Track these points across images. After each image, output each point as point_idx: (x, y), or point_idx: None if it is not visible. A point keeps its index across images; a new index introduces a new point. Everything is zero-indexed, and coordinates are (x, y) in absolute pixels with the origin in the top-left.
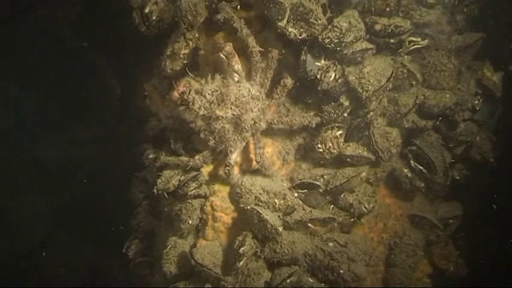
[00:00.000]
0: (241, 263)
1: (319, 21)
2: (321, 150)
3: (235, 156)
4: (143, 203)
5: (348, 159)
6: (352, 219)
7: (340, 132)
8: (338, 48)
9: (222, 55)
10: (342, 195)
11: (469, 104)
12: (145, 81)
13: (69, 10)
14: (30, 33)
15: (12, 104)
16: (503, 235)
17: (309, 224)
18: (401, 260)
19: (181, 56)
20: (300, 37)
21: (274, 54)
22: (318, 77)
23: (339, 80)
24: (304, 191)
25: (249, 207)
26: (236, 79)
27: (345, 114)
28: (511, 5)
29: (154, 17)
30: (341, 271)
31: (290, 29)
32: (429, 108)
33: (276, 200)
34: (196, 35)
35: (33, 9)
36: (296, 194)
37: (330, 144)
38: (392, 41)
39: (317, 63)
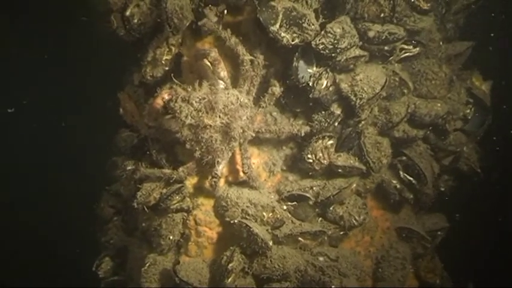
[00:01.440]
0: (229, 280)
1: (312, 27)
2: (310, 160)
3: (222, 167)
4: (114, 218)
5: (339, 170)
6: (341, 233)
7: (331, 141)
8: (333, 55)
9: (207, 62)
10: (332, 208)
11: (460, 113)
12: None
13: None
14: None
15: None
16: (488, 246)
17: (299, 238)
18: (390, 274)
19: (163, 62)
20: (293, 43)
21: (260, 61)
22: (310, 84)
23: (330, 88)
24: (293, 203)
25: (236, 221)
26: (222, 86)
27: (336, 124)
28: (496, 15)
29: (135, 20)
30: (332, 286)
31: (283, 34)
32: (420, 118)
33: (264, 213)
34: (180, 40)
35: None
36: (285, 207)
37: (321, 155)
38: (386, 48)
39: (309, 70)
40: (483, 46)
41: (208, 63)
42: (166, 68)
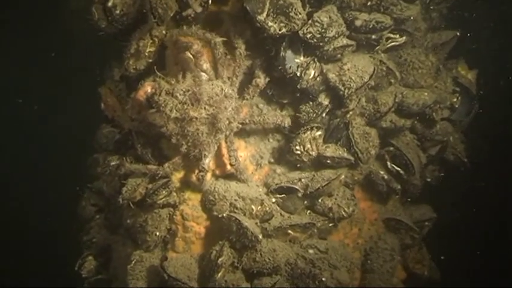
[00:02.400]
0: (219, 275)
1: (299, 16)
2: (298, 152)
3: (208, 161)
4: (96, 216)
5: (328, 161)
6: (330, 225)
7: (319, 132)
8: (321, 44)
9: (189, 54)
10: (320, 200)
11: (447, 102)
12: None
13: None
14: None
15: None
16: (475, 237)
17: (289, 231)
18: (379, 265)
19: (147, 54)
20: (280, 32)
21: (242, 51)
22: (298, 74)
23: (318, 78)
24: (282, 195)
25: (225, 215)
26: (205, 78)
27: (324, 114)
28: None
29: (118, 11)
30: (323, 278)
31: (270, 23)
32: (408, 107)
33: (253, 207)
34: (164, 32)
35: None
36: (274, 200)
37: (309, 146)
38: (373, 37)
39: (296, 60)
40: (467, 35)
41: (191, 56)
42: (150, 60)
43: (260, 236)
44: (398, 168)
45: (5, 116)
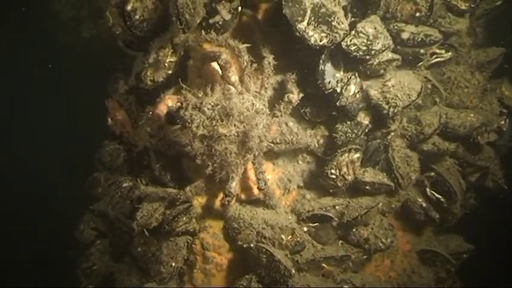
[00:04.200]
0: None
1: (342, 26)
2: (333, 176)
3: (235, 184)
4: (97, 242)
5: (367, 187)
6: (364, 257)
7: (357, 155)
8: (367, 57)
9: (215, 65)
10: (355, 229)
11: (494, 125)
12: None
13: None
14: None
15: None
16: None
17: (323, 264)
18: None
19: (166, 64)
20: (321, 43)
21: (270, 60)
22: (338, 90)
23: (357, 95)
24: (315, 224)
25: (253, 245)
26: (233, 92)
27: (362, 135)
28: None
29: (137, 16)
30: None
31: (310, 33)
32: (453, 129)
33: (283, 236)
34: (187, 40)
35: None
36: (305, 228)
37: (345, 170)
38: (421, 51)
39: (337, 75)
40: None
41: (217, 67)
42: (170, 72)
43: (293, 271)
44: (439, 196)
45: None
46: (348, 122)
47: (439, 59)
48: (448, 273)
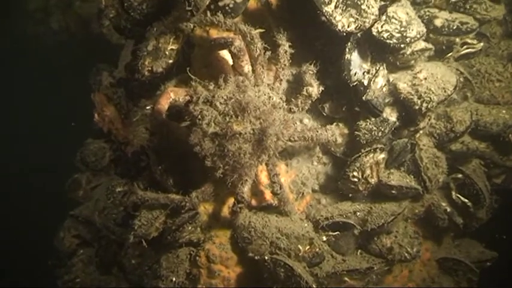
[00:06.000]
0: None
1: (372, 10)
2: (356, 179)
3: (247, 189)
4: (80, 251)
5: (393, 191)
6: (386, 268)
7: (382, 155)
8: (401, 45)
9: (226, 53)
10: (376, 238)
11: None
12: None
13: None
14: None
15: None
16: None
17: (346, 278)
18: None
19: (167, 53)
20: (348, 29)
21: (286, 48)
22: (365, 83)
23: (384, 89)
24: (335, 233)
25: (267, 258)
26: (248, 84)
27: (389, 133)
28: None
29: None
30: None
31: (338, 17)
32: (485, 127)
33: (300, 247)
34: (191, 26)
35: None
36: (324, 238)
37: (369, 172)
38: (457, 40)
39: (364, 65)
40: None
41: (227, 56)
42: (170, 61)
43: (314, 286)
44: (466, 200)
45: None
46: (373, 119)
47: (469, 50)
48: (469, 283)
